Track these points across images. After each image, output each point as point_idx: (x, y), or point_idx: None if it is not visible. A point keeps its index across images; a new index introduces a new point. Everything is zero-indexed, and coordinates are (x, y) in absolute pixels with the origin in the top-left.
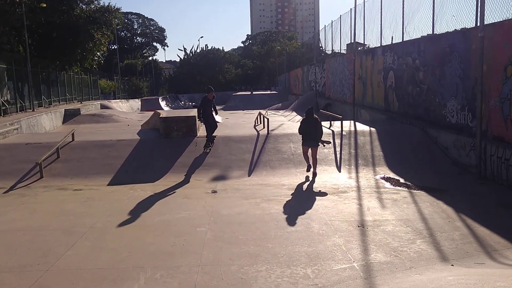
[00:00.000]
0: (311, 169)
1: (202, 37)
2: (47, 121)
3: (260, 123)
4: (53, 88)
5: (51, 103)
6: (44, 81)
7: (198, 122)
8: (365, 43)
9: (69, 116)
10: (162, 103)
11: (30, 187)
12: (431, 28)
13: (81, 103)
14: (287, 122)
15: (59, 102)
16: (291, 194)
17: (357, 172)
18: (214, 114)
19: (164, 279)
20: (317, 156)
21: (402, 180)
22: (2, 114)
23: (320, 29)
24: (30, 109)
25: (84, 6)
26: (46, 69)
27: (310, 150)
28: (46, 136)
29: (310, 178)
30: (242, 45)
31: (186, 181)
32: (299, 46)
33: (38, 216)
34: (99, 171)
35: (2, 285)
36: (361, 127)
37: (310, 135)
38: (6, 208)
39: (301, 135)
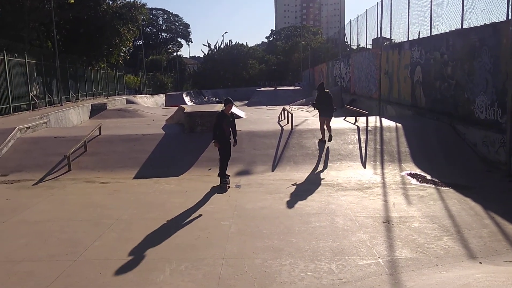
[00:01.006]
0: (326, 139)
1: (226, 32)
2: (74, 116)
3: (284, 118)
4: (80, 83)
5: (78, 98)
6: (72, 76)
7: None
8: (392, 37)
9: (96, 111)
10: (186, 99)
11: (59, 180)
12: (460, 22)
13: (107, 98)
14: (311, 118)
15: (86, 97)
16: (315, 190)
17: (382, 168)
18: (232, 137)
19: (189, 270)
20: (341, 152)
21: (428, 177)
22: (31, 109)
23: (345, 23)
24: (58, 103)
25: (110, 2)
26: (73, 65)
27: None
28: (73, 130)
29: (326, 140)
30: (266, 40)
31: (210, 175)
32: (324, 41)
33: (67, 208)
34: (125, 165)
35: (32, 273)
36: (387, 122)
37: (327, 107)
38: (36, 199)
39: (317, 109)
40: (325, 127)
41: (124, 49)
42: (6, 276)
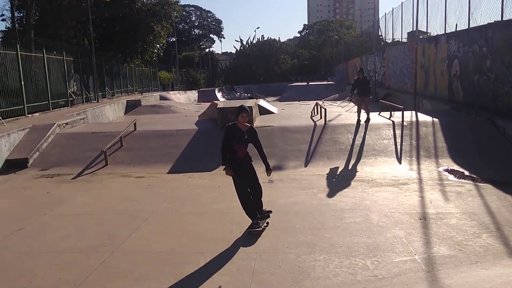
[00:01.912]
0: (361, 121)
1: (258, 28)
2: (110, 112)
3: (317, 113)
4: (116, 80)
5: (114, 94)
6: (108, 73)
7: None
8: (428, 30)
9: (131, 107)
10: (218, 94)
11: (96, 174)
12: (500, 13)
13: (141, 94)
14: (344, 113)
15: (121, 94)
16: (349, 185)
17: (418, 164)
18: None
19: (223, 263)
20: (376, 147)
21: (466, 173)
22: (69, 105)
23: (380, 17)
24: (95, 100)
25: (145, 0)
26: (109, 62)
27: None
28: (110, 126)
29: (362, 122)
30: (298, 35)
31: None
32: (358, 35)
33: (104, 201)
34: (159, 160)
35: (73, 264)
36: (423, 117)
37: (364, 89)
38: (75, 193)
39: (355, 91)
40: (362, 108)
41: (157, 46)
42: (48, 266)
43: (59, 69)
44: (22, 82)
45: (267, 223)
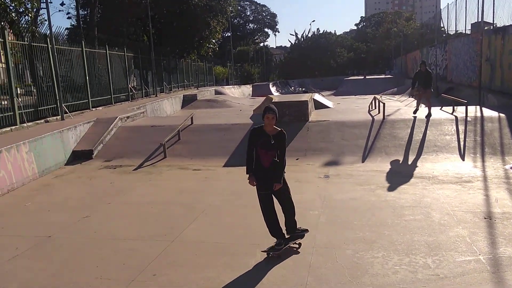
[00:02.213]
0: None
1: (313, 21)
2: (168, 106)
3: (375, 108)
4: (173, 75)
5: (171, 89)
6: (165, 69)
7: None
8: (494, 21)
9: (187, 101)
10: (272, 89)
11: (156, 166)
12: None
13: (197, 89)
14: (403, 107)
15: (178, 88)
16: (408, 182)
17: (483, 161)
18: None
19: (280, 257)
20: (437, 143)
21: None
22: (130, 99)
23: (441, 8)
24: (153, 94)
25: None
26: (166, 57)
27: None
28: (168, 120)
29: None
30: (355, 27)
31: (297, 165)
32: (418, 27)
33: (163, 192)
34: (215, 153)
35: (136, 251)
36: (488, 112)
37: (425, 81)
38: (136, 183)
39: (415, 82)
40: (422, 102)
41: (213, 41)
42: (113, 252)
43: (120, 65)
44: (87, 78)
45: (299, 243)
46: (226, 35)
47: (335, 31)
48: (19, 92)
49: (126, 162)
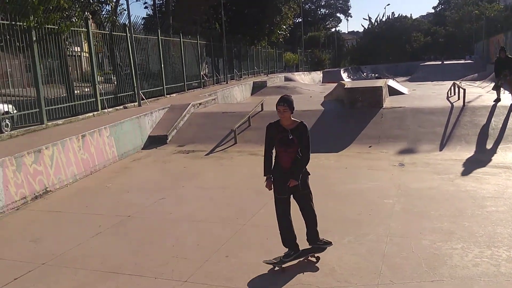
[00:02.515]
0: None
1: (388, 4)
2: (238, 93)
3: (454, 94)
4: (243, 62)
5: (241, 76)
6: (236, 56)
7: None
8: None
9: (257, 88)
10: (344, 75)
11: (227, 151)
12: None
13: (267, 75)
14: (485, 94)
15: (248, 75)
16: (490, 172)
17: None
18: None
19: (352, 244)
20: None
21: None
22: (202, 86)
23: None
24: (224, 81)
25: None
26: (237, 44)
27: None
28: (238, 106)
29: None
30: (432, 11)
31: (370, 152)
32: (502, 9)
33: (234, 177)
34: None
35: (209, 232)
36: None
37: (508, 68)
38: (208, 168)
39: (498, 70)
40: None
41: (284, 27)
42: (187, 232)
43: (193, 53)
44: (162, 65)
45: (318, 257)
46: (297, 21)
47: (411, 14)
48: (99, 80)
49: (198, 147)
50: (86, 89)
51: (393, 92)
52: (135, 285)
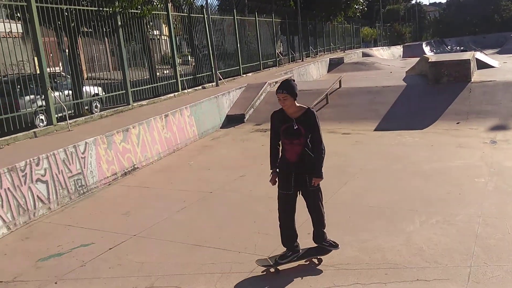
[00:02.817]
0: None
1: None
2: (314, 70)
3: None
4: (319, 38)
5: (317, 53)
6: (311, 33)
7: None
8: None
9: (333, 65)
10: (426, 49)
11: None
12: None
13: (343, 52)
14: None
15: (324, 52)
16: None
17: None
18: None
19: (441, 225)
20: None
21: None
22: (277, 65)
23: None
24: (300, 59)
25: None
26: (313, 21)
27: None
28: (315, 84)
29: None
30: None
31: (458, 129)
32: None
33: None
34: (365, 117)
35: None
36: None
37: None
38: None
39: None
40: None
41: (361, 1)
42: (268, 210)
43: (268, 31)
44: (238, 45)
45: (320, 259)
46: None
47: None
48: (178, 61)
49: None
50: (165, 71)
51: (482, 65)
52: (220, 258)
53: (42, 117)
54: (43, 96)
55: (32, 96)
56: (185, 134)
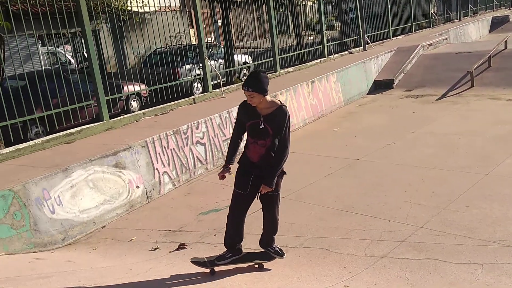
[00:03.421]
0: None
1: None
2: (473, 30)
3: None
4: None
5: (477, 11)
6: None
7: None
8: None
9: (496, 24)
10: None
11: (461, 95)
12: None
13: (509, 9)
14: None
15: (486, 10)
16: None
17: None
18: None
19: None
20: None
21: None
22: (431, 26)
23: None
24: (457, 19)
25: None
26: None
27: None
28: (475, 45)
29: None
30: None
31: None
32: None
33: (472, 123)
34: None
35: (444, 180)
36: None
37: None
38: (440, 113)
39: None
40: None
41: None
42: (420, 179)
43: None
44: (388, 7)
45: (261, 265)
46: None
47: None
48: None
49: (428, 92)
50: (310, 37)
51: None
52: (369, 225)
53: (198, 85)
54: (199, 65)
55: (189, 66)
56: (330, 100)
